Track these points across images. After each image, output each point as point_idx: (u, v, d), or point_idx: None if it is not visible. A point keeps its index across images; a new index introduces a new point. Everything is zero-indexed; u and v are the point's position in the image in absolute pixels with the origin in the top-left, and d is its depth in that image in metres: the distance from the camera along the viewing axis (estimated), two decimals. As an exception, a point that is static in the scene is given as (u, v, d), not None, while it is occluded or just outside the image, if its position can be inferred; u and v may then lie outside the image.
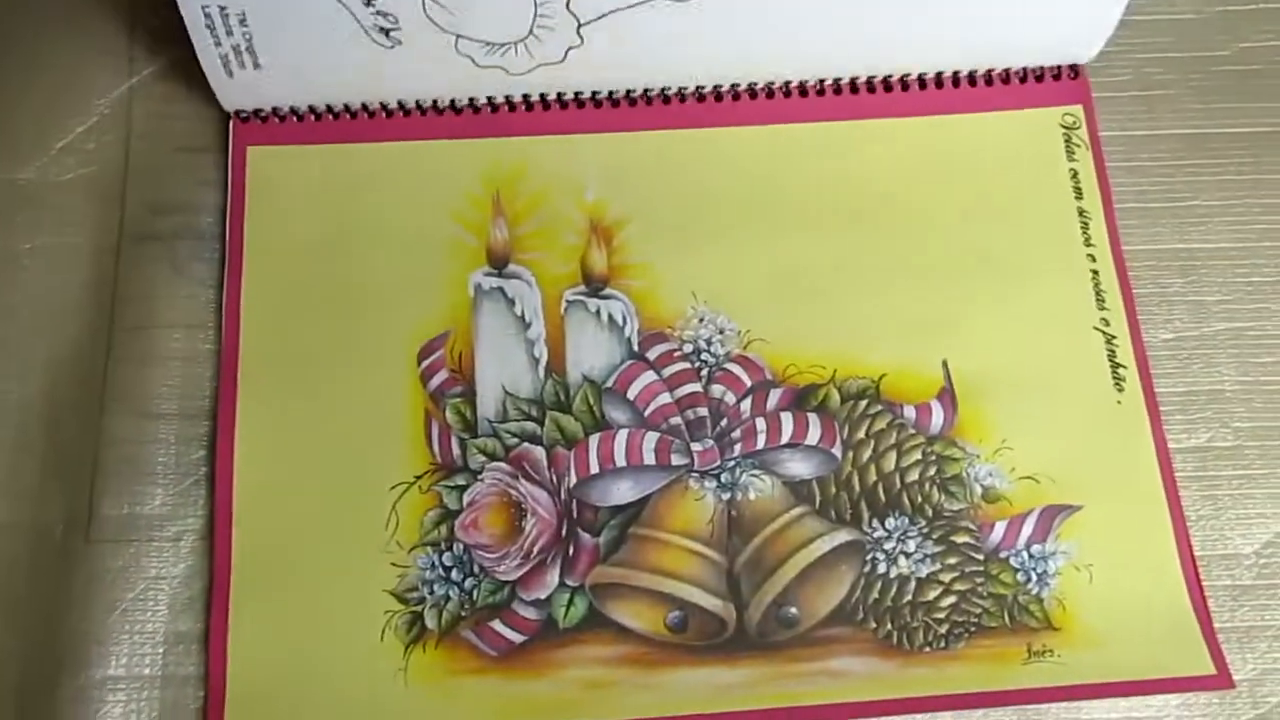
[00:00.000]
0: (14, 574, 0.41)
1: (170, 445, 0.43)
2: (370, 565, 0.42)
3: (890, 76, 0.48)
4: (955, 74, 0.48)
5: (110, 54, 0.48)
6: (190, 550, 0.42)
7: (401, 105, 0.48)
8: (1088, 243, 0.47)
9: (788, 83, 0.48)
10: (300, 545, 0.42)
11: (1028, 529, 0.43)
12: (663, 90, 0.48)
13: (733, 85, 0.48)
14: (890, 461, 0.43)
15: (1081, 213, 0.47)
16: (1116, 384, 0.45)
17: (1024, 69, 0.49)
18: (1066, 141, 0.48)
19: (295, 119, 0.47)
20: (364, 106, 0.47)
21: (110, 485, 0.43)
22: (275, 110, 0.47)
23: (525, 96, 0.48)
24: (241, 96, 0.47)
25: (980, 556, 0.42)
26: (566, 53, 0.45)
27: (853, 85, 0.48)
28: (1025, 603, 0.42)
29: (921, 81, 0.49)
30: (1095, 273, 0.46)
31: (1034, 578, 0.42)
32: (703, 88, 0.48)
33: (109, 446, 0.43)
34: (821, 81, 0.48)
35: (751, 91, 0.48)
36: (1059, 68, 0.49)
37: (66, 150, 0.47)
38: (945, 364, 0.45)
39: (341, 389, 0.44)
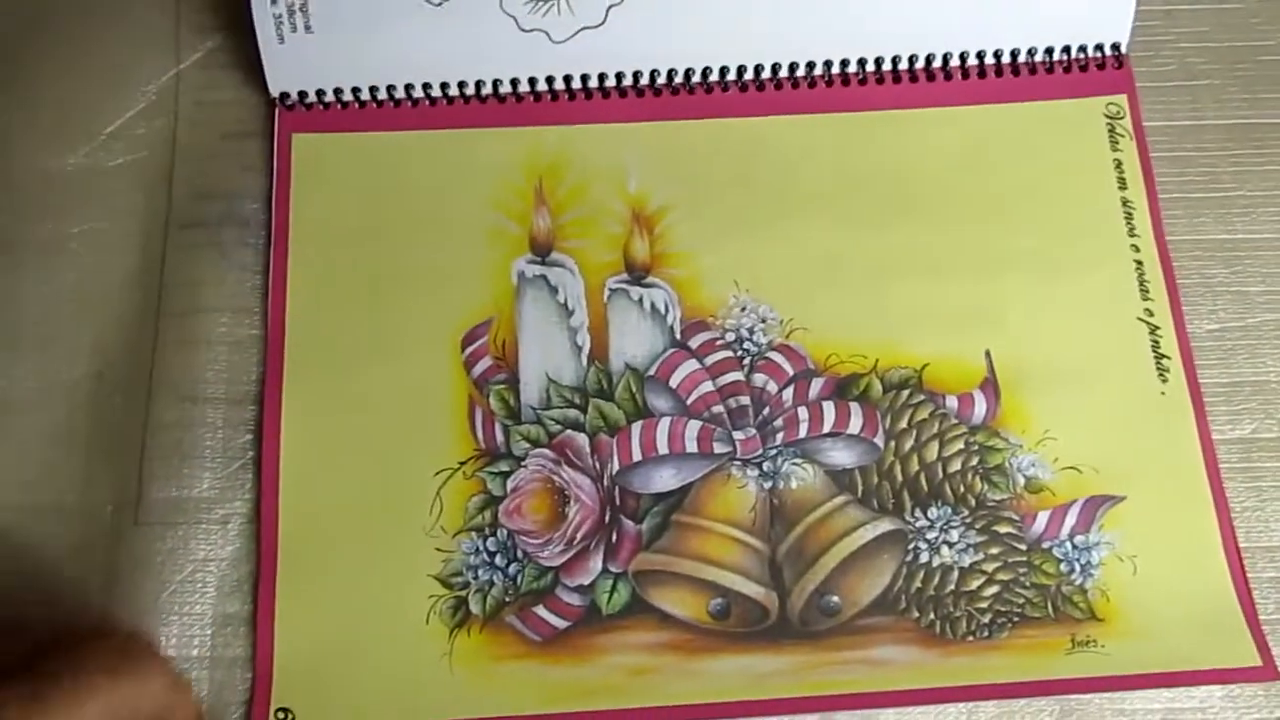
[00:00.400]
0: (63, 556, 0.42)
1: (217, 429, 0.44)
2: (415, 550, 0.42)
3: (933, 64, 0.48)
4: (999, 62, 0.48)
5: (157, 41, 0.49)
6: (238, 533, 0.42)
7: (444, 90, 0.48)
8: (1131, 233, 0.46)
9: (829, 71, 0.48)
10: (346, 529, 0.42)
11: (1071, 519, 0.43)
12: (705, 77, 0.48)
13: (773, 66, 0.48)
14: (932, 451, 0.43)
15: (1125, 203, 0.47)
16: (1160, 375, 0.44)
17: (1068, 59, 0.48)
18: (1110, 131, 0.48)
19: (339, 106, 0.48)
20: (408, 93, 0.48)
21: (158, 469, 0.43)
22: (320, 96, 0.47)
23: (567, 80, 0.48)
24: (289, 71, 0.47)
25: (1023, 547, 0.42)
26: (607, 12, 0.45)
27: (895, 74, 0.48)
28: (1069, 593, 0.42)
29: (965, 71, 0.48)
30: (1139, 263, 0.46)
31: (1077, 568, 0.42)
32: (744, 73, 0.48)
33: (156, 430, 0.43)
34: (864, 69, 0.48)
35: (794, 80, 0.48)
36: (1103, 57, 0.49)
37: (114, 136, 0.47)
38: (988, 354, 0.44)
39: (385, 375, 0.44)
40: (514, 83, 0.48)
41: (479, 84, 0.48)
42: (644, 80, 0.48)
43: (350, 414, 0.44)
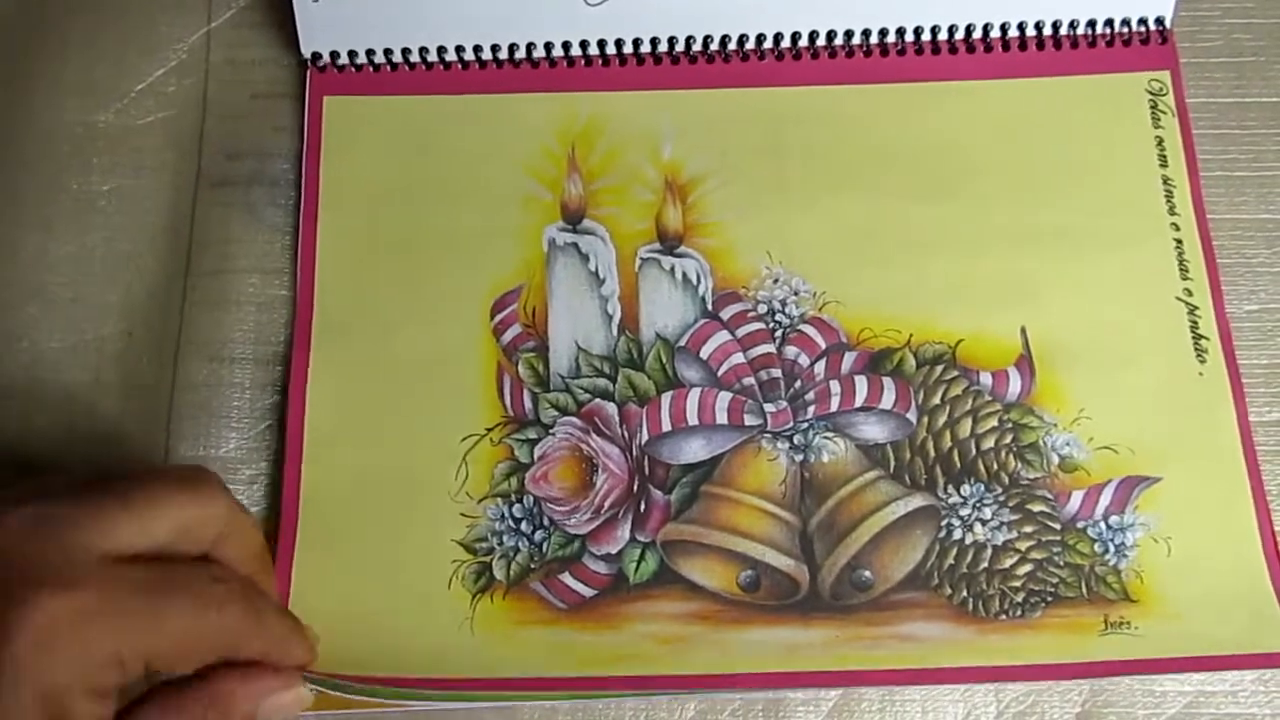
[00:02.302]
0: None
1: (245, 390, 0.43)
2: (439, 515, 0.42)
3: (973, 36, 0.47)
4: (1040, 35, 0.48)
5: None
6: (264, 494, 0.42)
7: (478, 54, 0.47)
8: (1171, 211, 0.46)
9: (868, 40, 0.47)
10: (369, 492, 0.42)
11: (1105, 499, 0.42)
12: (741, 44, 0.47)
13: (810, 35, 0.47)
14: (965, 428, 0.43)
15: (1166, 180, 0.46)
16: (1199, 355, 0.44)
17: (1111, 33, 0.48)
18: (1152, 108, 0.47)
19: (371, 69, 0.47)
20: (440, 57, 0.47)
21: (185, 428, 0.43)
22: (352, 58, 0.47)
23: (601, 45, 0.47)
24: (322, 31, 0.46)
25: (1057, 526, 0.42)
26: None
27: (934, 45, 0.48)
28: (1103, 574, 0.41)
29: (1005, 43, 0.48)
30: (1179, 242, 0.45)
31: (1111, 549, 0.41)
32: (781, 40, 0.47)
33: (184, 390, 0.43)
34: (902, 39, 0.47)
35: (831, 50, 0.48)
36: (1146, 32, 0.48)
37: (145, 93, 0.47)
38: (1024, 331, 0.44)
39: (414, 339, 0.44)
40: (548, 46, 0.47)
41: (513, 47, 0.47)
42: (679, 46, 0.47)
43: (377, 378, 0.43)
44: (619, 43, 0.47)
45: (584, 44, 0.47)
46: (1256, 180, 0.47)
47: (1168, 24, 0.48)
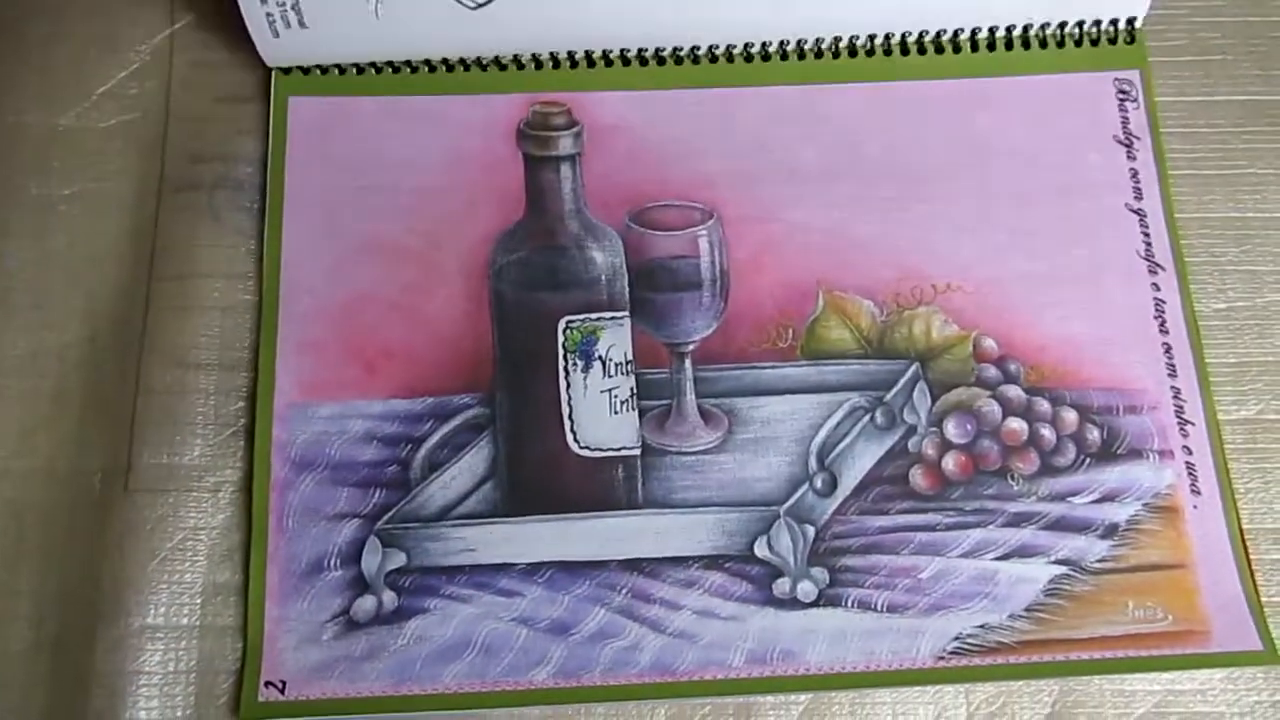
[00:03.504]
0: (53, 522, 0.41)
1: (209, 395, 0.43)
2: (408, 521, 0.42)
3: (943, 38, 0.47)
4: (1010, 35, 0.47)
5: (150, 1, 0.48)
6: (229, 501, 0.42)
7: (445, 62, 0.47)
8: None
9: (837, 45, 0.47)
10: (338, 499, 0.42)
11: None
12: (710, 49, 0.47)
13: (780, 41, 0.47)
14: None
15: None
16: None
17: (1080, 32, 0.48)
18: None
19: (337, 71, 0.47)
20: (408, 61, 0.47)
21: (149, 435, 0.42)
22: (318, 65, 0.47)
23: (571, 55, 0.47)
24: (285, 57, 0.46)
25: (1026, 525, 0.42)
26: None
27: (903, 47, 0.47)
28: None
29: (974, 44, 0.48)
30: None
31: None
32: (757, 45, 0.47)
33: (148, 396, 0.43)
34: (872, 42, 0.47)
35: (800, 52, 0.47)
36: (1115, 31, 0.48)
37: (107, 96, 0.46)
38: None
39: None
40: (516, 55, 0.47)
41: (479, 57, 0.47)
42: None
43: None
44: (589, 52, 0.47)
45: (553, 54, 0.47)
46: (1224, 179, 0.47)
47: (1139, 23, 0.48)
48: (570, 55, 0.47)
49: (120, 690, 0.39)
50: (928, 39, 0.47)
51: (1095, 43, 0.48)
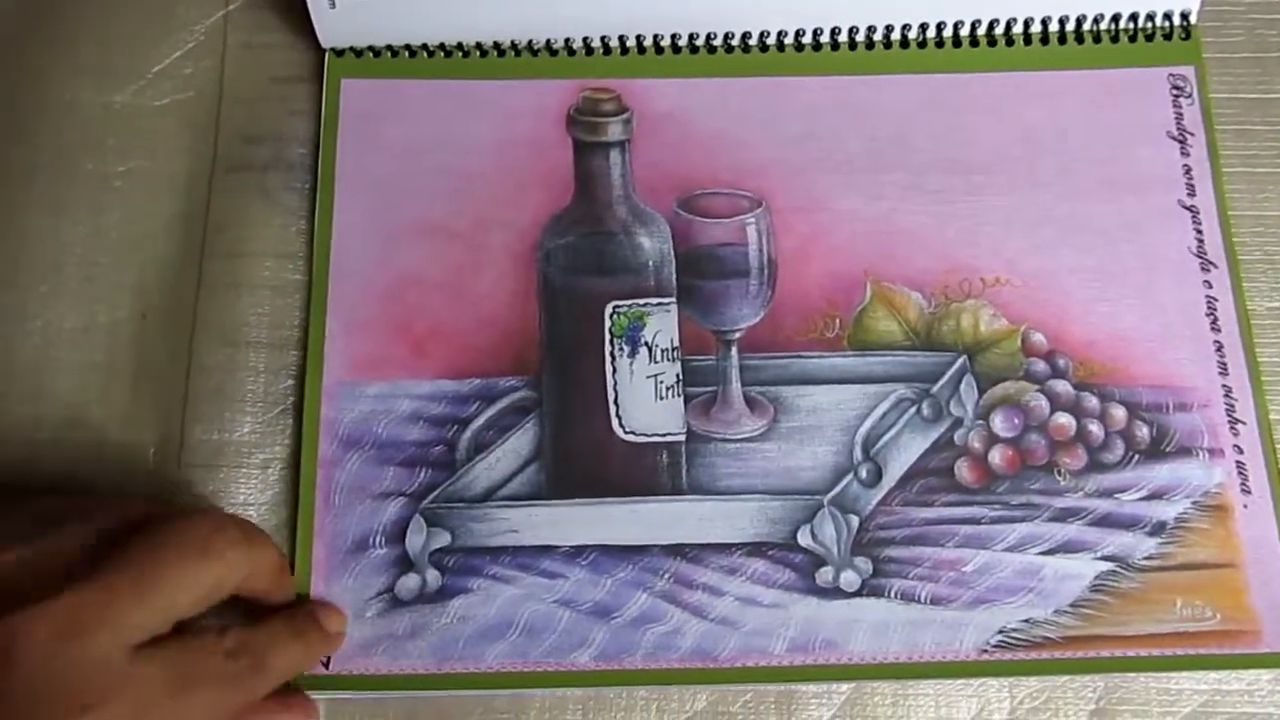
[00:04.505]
0: (108, 494, 0.41)
1: (259, 373, 0.43)
2: (452, 502, 0.42)
3: (995, 30, 0.47)
4: (1063, 30, 0.47)
5: (205, -19, 0.48)
6: (277, 478, 0.42)
7: (497, 46, 0.47)
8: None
9: (889, 35, 0.47)
10: (384, 478, 0.42)
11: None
12: (761, 38, 0.47)
13: (833, 30, 0.47)
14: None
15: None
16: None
17: (1134, 27, 0.47)
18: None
19: (390, 54, 0.47)
20: (460, 47, 0.47)
21: (201, 412, 0.43)
22: (371, 46, 0.47)
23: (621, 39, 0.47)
24: (341, 31, 0.46)
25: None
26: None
27: (955, 39, 0.47)
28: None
29: (1027, 37, 0.47)
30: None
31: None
32: (805, 35, 0.47)
33: (199, 373, 0.43)
34: (924, 33, 0.47)
35: (852, 43, 0.47)
36: (1170, 27, 0.47)
37: (162, 75, 0.47)
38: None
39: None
40: (568, 41, 0.47)
41: (531, 42, 0.47)
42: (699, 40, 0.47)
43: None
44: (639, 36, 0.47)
45: (604, 38, 0.47)
46: (1279, 177, 0.46)
47: (1193, 19, 0.47)
48: (621, 41, 0.47)
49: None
50: (980, 31, 0.47)
51: (1150, 38, 0.47)
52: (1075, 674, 0.40)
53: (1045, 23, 0.47)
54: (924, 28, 0.47)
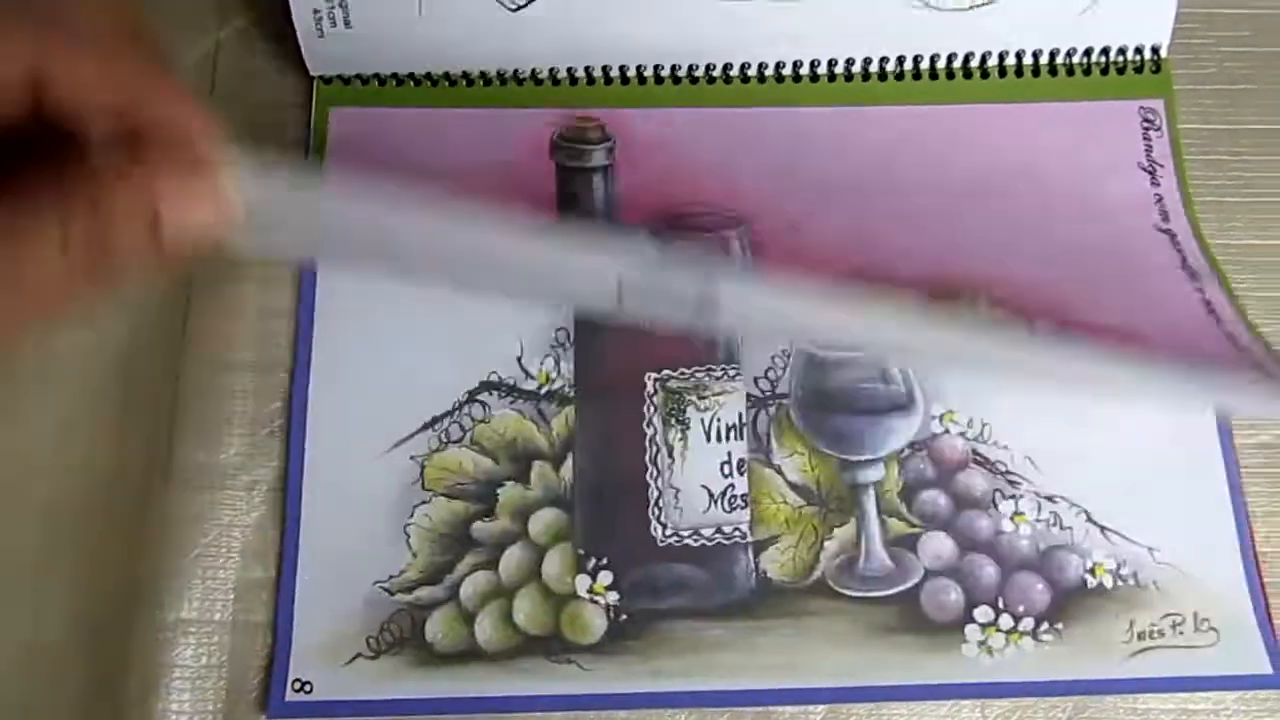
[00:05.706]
0: (93, 514, 0.42)
1: (248, 395, 0.44)
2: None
3: (970, 64, 0.48)
4: (1036, 63, 0.48)
5: (196, 10, 0.49)
6: (263, 499, 0.43)
7: (484, 75, 0.48)
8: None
9: (867, 68, 0.48)
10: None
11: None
12: (743, 70, 0.48)
13: (812, 62, 0.48)
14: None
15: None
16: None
17: (1106, 61, 0.48)
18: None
19: (378, 83, 0.48)
20: (447, 76, 0.48)
21: (188, 432, 0.43)
22: (360, 76, 0.48)
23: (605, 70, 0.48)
24: (329, 60, 0.47)
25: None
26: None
27: (932, 72, 0.48)
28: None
29: (1002, 69, 0.48)
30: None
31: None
32: (795, 66, 0.48)
33: (187, 394, 0.44)
34: (901, 66, 0.48)
35: (831, 75, 0.48)
36: (1142, 60, 0.48)
37: (152, 103, 0.47)
38: None
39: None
40: (553, 70, 0.48)
41: (517, 71, 0.48)
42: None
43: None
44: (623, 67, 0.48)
45: (588, 68, 0.48)
46: (1247, 206, 0.47)
47: (1163, 52, 0.48)
48: (605, 71, 0.48)
49: (154, 681, 0.40)
50: (956, 64, 0.48)
51: (1121, 71, 0.49)
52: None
53: (1020, 56, 0.48)
54: (900, 60, 0.48)
